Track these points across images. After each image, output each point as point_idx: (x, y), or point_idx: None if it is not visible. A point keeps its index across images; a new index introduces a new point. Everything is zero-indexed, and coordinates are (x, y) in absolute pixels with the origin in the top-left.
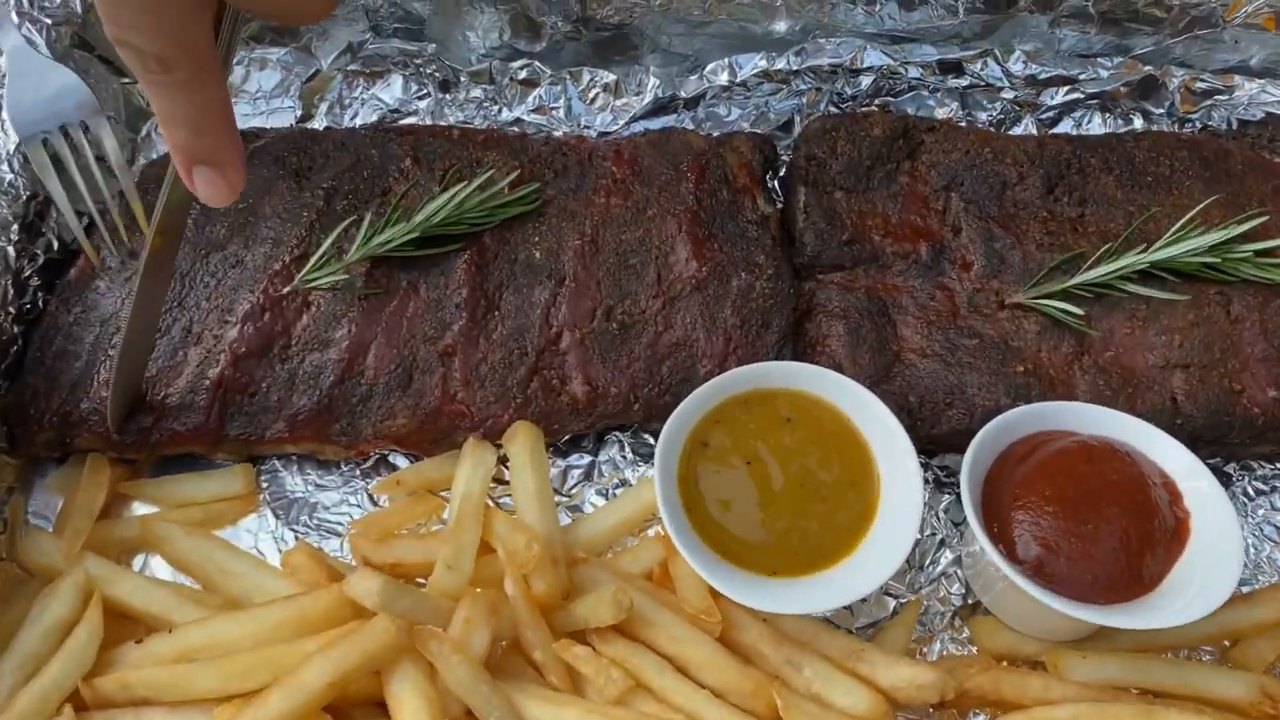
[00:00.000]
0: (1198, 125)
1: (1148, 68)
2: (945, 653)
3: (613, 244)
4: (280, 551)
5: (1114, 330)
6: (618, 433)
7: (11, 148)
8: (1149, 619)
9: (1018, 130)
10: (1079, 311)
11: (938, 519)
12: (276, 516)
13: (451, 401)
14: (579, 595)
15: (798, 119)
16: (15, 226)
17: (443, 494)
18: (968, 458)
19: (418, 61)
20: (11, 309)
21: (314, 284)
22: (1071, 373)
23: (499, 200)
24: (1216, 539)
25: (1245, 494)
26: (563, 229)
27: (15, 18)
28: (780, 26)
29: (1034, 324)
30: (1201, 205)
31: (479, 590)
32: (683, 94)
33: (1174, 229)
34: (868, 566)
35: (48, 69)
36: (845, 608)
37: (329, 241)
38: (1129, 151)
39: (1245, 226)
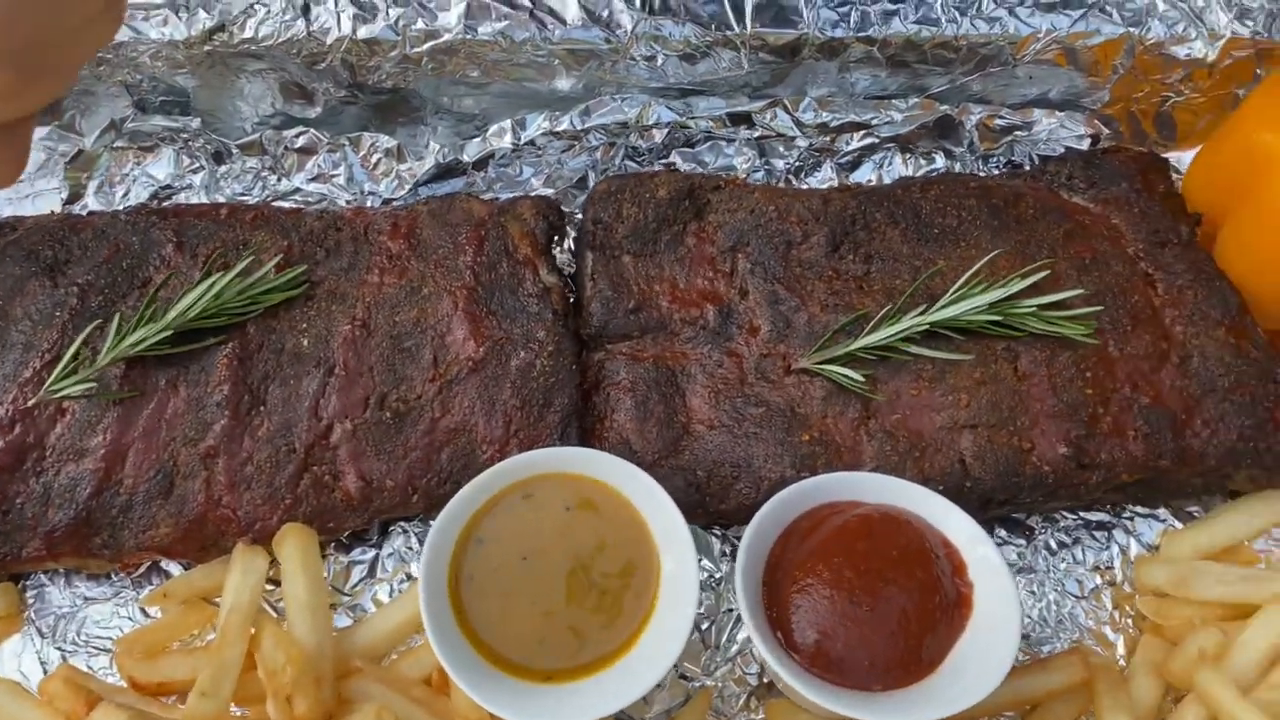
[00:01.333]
0: (1001, 161)
1: (944, 107)
2: None
3: (386, 326)
4: (46, 673)
5: (900, 392)
6: (403, 523)
7: None
8: (924, 710)
9: (818, 176)
10: (859, 377)
11: (735, 594)
12: (42, 635)
13: (216, 506)
14: (349, 711)
15: (592, 175)
16: None
17: (217, 600)
18: (743, 545)
19: (184, 136)
20: None
21: (62, 393)
22: (859, 439)
23: (263, 286)
24: (997, 613)
25: (1048, 548)
26: (333, 313)
27: None
28: (563, 84)
29: (820, 389)
30: (982, 261)
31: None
32: (465, 158)
33: (955, 287)
34: (645, 664)
35: None
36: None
37: (75, 345)
38: (915, 203)
39: (1027, 282)
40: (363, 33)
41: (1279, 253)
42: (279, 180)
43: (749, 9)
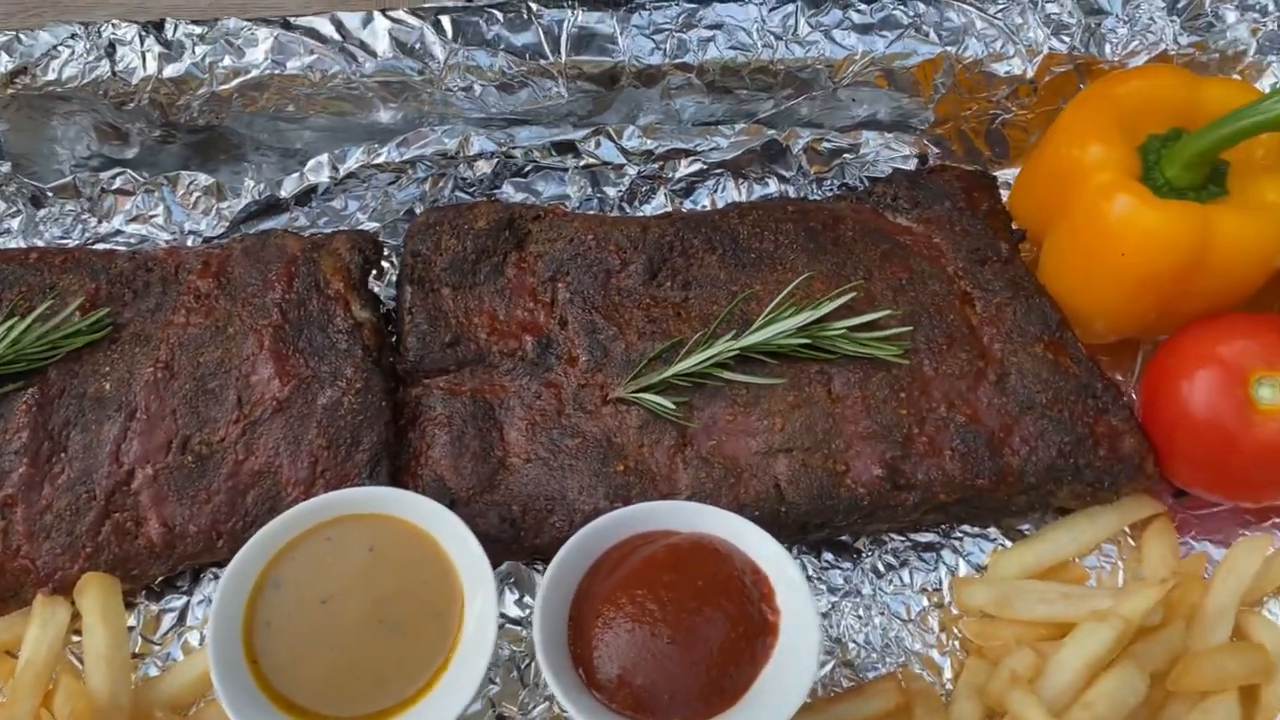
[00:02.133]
0: (836, 184)
1: (771, 131)
2: None
3: (190, 368)
4: None
5: (716, 418)
6: (215, 569)
7: None
8: None
9: (652, 204)
10: (671, 405)
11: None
12: None
13: (15, 557)
14: None
15: (419, 207)
16: None
17: (19, 653)
18: (545, 579)
19: None
20: None
21: None
22: (674, 467)
23: (65, 330)
24: (800, 639)
25: (875, 570)
26: (136, 356)
27: None
28: (384, 116)
29: (636, 418)
30: (794, 284)
31: None
32: (283, 193)
33: (766, 312)
34: (439, 707)
35: None
36: None
37: None
38: (734, 228)
39: (837, 303)
40: (169, 71)
41: (1093, 267)
42: (99, 222)
43: (564, 38)
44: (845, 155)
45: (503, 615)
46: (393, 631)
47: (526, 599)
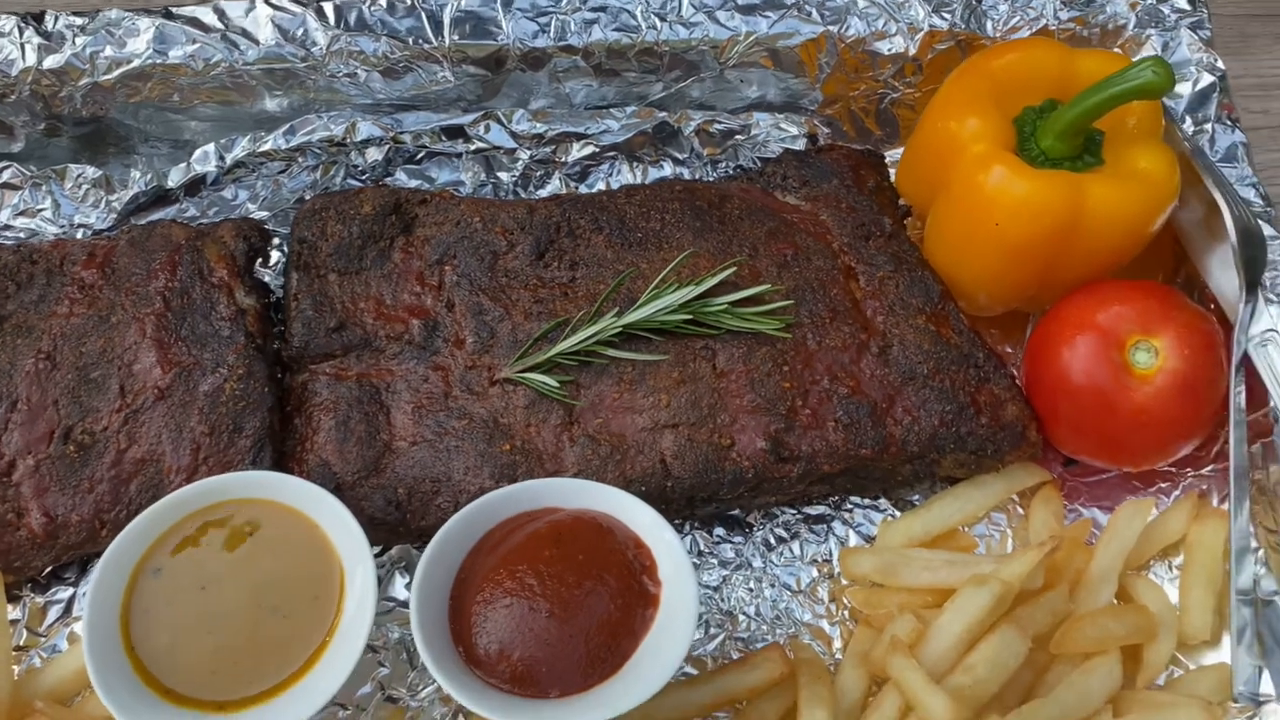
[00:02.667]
0: (732, 166)
1: (663, 114)
2: None
3: (72, 358)
4: None
5: (603, 396)
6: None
7: None
8: (593, 713)
9: (547, 188)
10: (556, 384)
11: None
12: None
13: None
14: None
15: (309, 195)
16: None
17: None
18: (423, 558)
19: None
20: None
21: None
22: (560, 445)
23: None
24: (679, 607)
25: (766, 543)
26: (18, 347)
27: None
28: (271, 105)
29: (523, 398)
30: (676, 261)
31: None
32: (170, 184)
33: (650, 289)
34: (316, 688)
35: None
36: (343, 711)
37: None
38: (620, 208)
39: (718, 278)
40: (49, 63)
41: (971, 238)
42: None
43: (447, 21)
44: (737, 137)
45: (393, 599)
46: (272, 615)
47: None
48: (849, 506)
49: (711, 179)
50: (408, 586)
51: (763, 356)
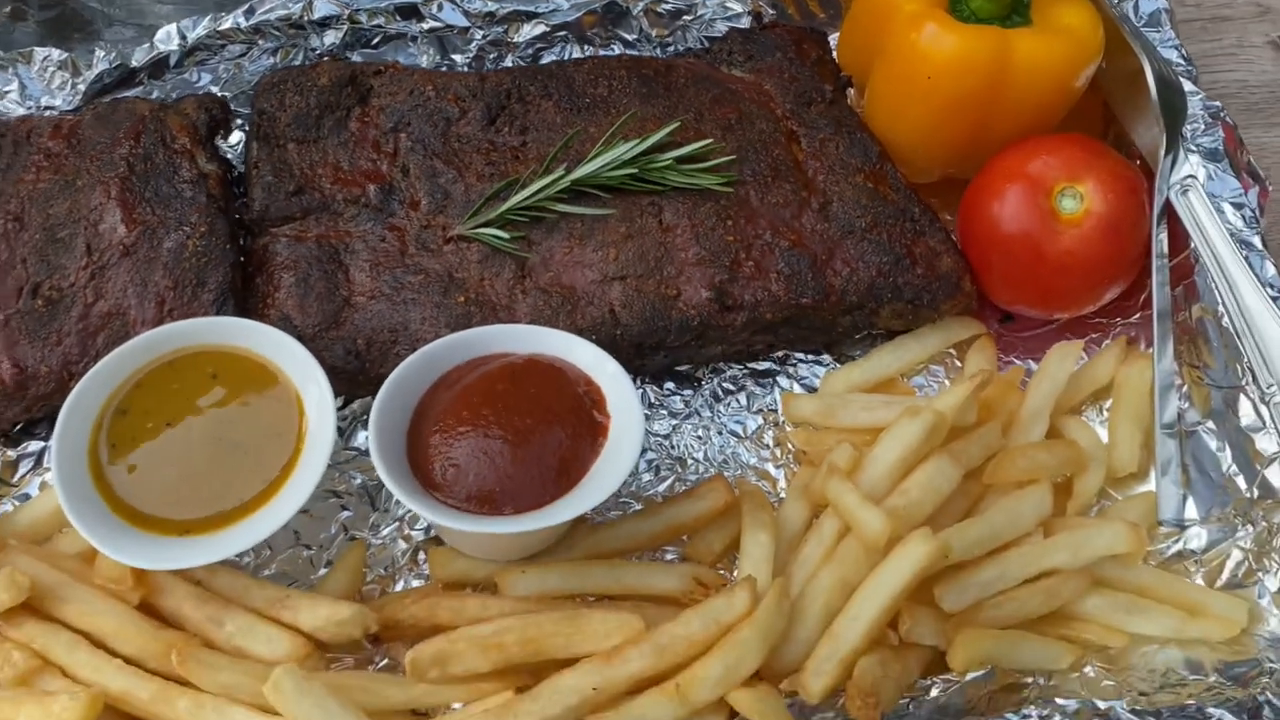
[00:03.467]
0: (681, 48)
1: None
2: (407, 588)
3: (40, 220)
4: None
5: (554, 251)
6: None
7: None
8: (552, 518)
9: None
10: (506, 236)
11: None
12: None
13: None
14: None
15: None
16: None
17: None
18: (381, 392)
19: None
20: None
21: None
22: (514, 298)
23: None
24: (625, 429)
25: (714, 395)
26: None
27: None
28: None
29: (476, 254)
30: (623, 119)
31: None
32: (134, 63)
33: (598, 146)
34: (276, 512)
35: None
36: (306, 551)
37: None
38: (569, 76)
39: (660, 135)
40: None
41: (906, 96)
42: None
43: None
44: (685, 17)
45: (354, 449)
46: (234, 449)
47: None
48: (793, 362)
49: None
50: (368, 438)
51: (707, 212)
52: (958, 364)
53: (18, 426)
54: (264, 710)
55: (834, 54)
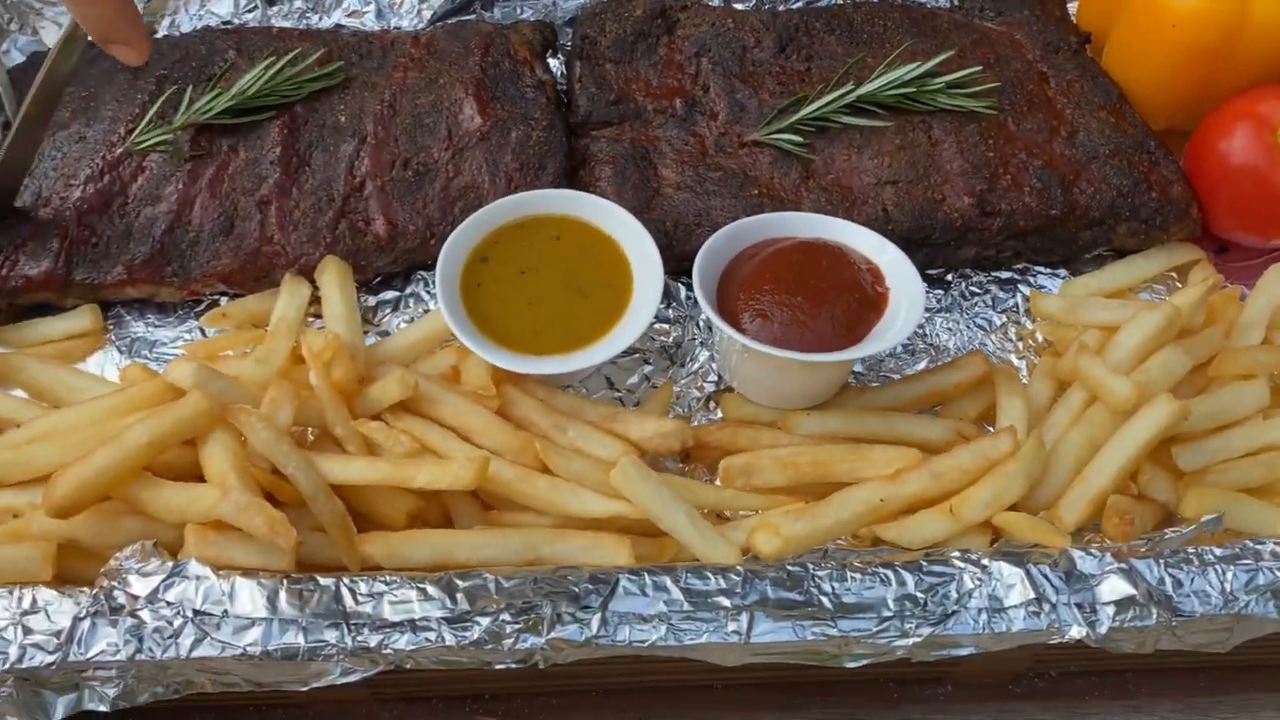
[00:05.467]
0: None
1: None
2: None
3: (409, 108)
4: None
5: (834, 157)
6: (422, 271)
7: None
8: (850, 354)
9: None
10: (801, 141)
11: (697, 327)
12: (120, 352)
13: (269, 243)
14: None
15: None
16: None
17: (265, 329)
18: (700, 255)
19: None
20: None
21: (143, 146)
22: (800, 195)
23: (308, 75)
24: (905, 298)
25: (964, 295)
26: (365, 98)
27: None
28: None
29: (767, 157)
30: (901, 49)
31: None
32: None
33: (878, 69)
34: (619, 337)
35: None
36: (615, 395)
37: (155, 108)
38: (849, 16)
39: (934, 62)
40: None
41: (1149, 45)
42: (319, 19)
43: None
44: None
45: (660, 317)
46: (578, 294)
47: (673, 306)
48: (1033, 273)
49: None
50: (666, 308)
51: (970, 131)
52: (1178, 285)
53: (378, 278)
54: (606, 494)
55: (1071, 15)
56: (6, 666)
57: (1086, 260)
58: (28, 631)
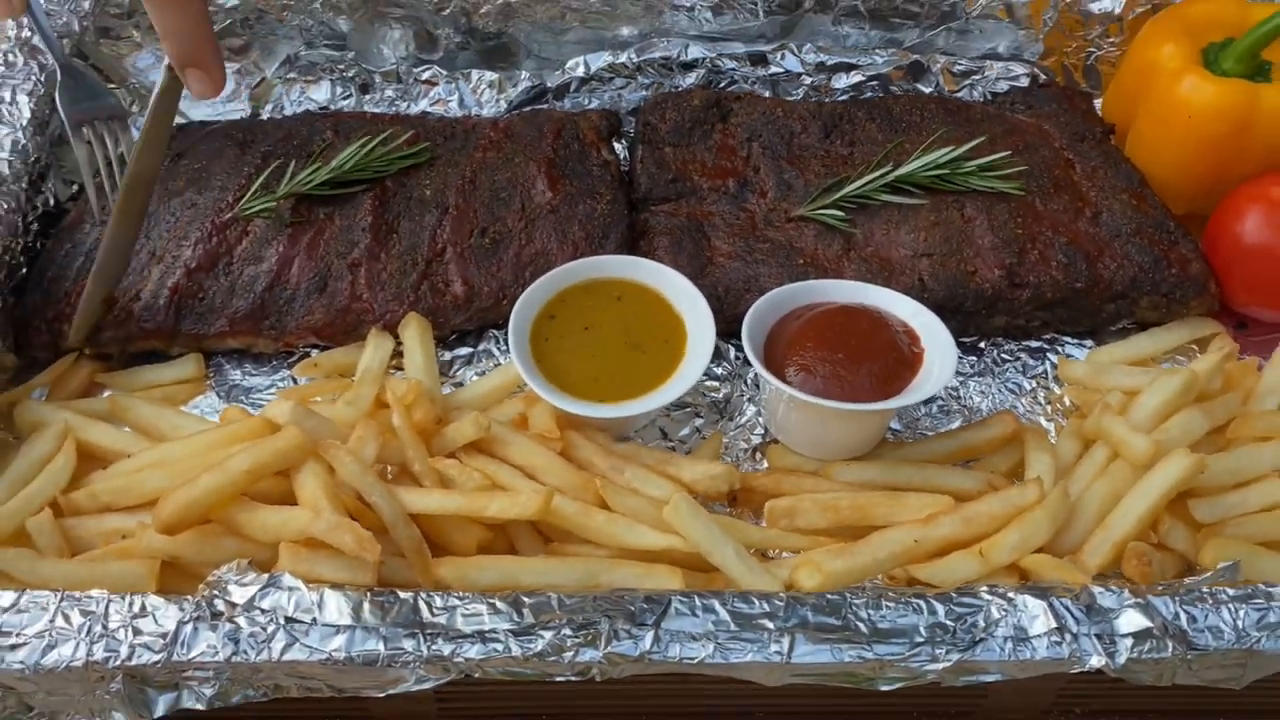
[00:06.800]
0: (966, 98)
1: (916, 55)
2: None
3: (487, 183)
4: None
5: (874, 231)
6: (494, 330)
7: (24, 121)
8: (888, 404)
9: None
10: (843, 216)
11: (745, 384)
12: (219, 397)
13: (357, 300)
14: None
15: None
16: (24, 181)
17: (351, 379)
18: (749, 313)
19: (341, 67)
20: (19, 243)
21: (249, 212)
22: (842, 264)
23: (398, 153)
24: (939, 357)
25: (995, 361)
26: (447, 174)
27: (24, 32)
28: (625, 31)
29: (812, 230)
30: (936, 135)
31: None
32: (549, 84)
33: (915, 153)
34: (671, 392)
35: (96, 81)
36: (668, 444)
37: (261, 179)
38: (889, 106)
39: (967, 147)
40: None
41: (1166, 136)
42: (408, 106)
43: None
44: (973, 76)
45: (708, 374)
46: (635, 349)
47: (723, 364)
48: (1061, 343)
49: None
50: (717, 365)
51: (1001, 210)
52: (1198, 354)
53: (454, 335)
54: (660, 529)
55: (1097, 112)
56: (118, 663)
57: (1111, 332)
58: (137, 633)
